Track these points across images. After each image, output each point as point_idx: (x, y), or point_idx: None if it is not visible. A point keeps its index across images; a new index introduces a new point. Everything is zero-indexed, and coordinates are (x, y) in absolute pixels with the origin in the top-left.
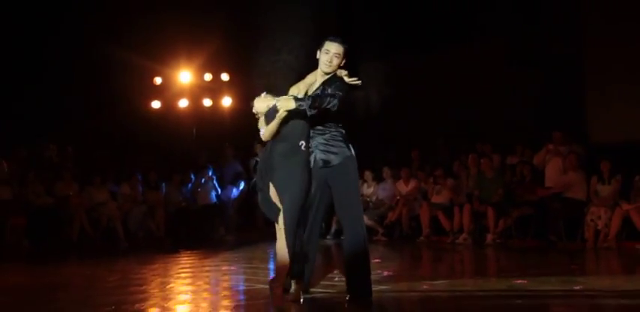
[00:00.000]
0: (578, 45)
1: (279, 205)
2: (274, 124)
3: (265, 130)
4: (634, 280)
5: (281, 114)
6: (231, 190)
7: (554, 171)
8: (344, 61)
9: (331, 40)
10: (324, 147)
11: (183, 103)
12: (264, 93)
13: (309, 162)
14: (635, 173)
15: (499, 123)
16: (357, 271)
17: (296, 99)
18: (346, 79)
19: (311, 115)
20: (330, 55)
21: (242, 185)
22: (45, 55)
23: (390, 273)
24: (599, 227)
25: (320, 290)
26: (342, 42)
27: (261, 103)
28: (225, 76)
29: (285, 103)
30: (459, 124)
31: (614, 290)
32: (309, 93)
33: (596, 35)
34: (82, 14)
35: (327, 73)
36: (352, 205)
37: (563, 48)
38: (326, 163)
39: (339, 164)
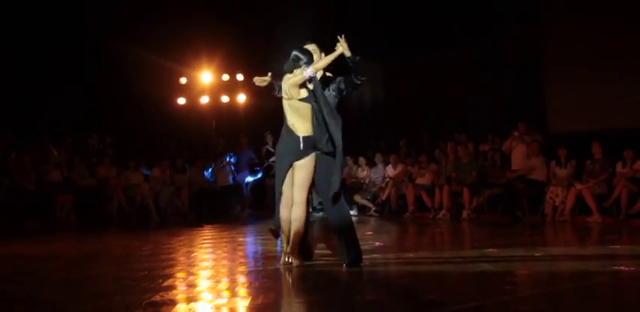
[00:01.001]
0: (539, 51)
1: None
2: (328, 61)
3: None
4: (584, 247)
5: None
6: (246, 174)
7: (519, 156)
8: (322, 54)
9: (306, 43)
10: None
11: (204, 100)
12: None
13: None
14: (587, 158)
15: (473, 116)
16: (351, 240)
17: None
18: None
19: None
20: None
21: (259, 174)
22: (88, 58)
23: (381, 244)
24: (556, 204)
25: (321, 258)
26: (312, 40)
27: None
28: (240, 76)
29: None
30: (439, 117)
31: (569, 257)
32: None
33: (554, 44)
34: (120, 24)
35: None
36: (336, 184)
37: (526, 53)
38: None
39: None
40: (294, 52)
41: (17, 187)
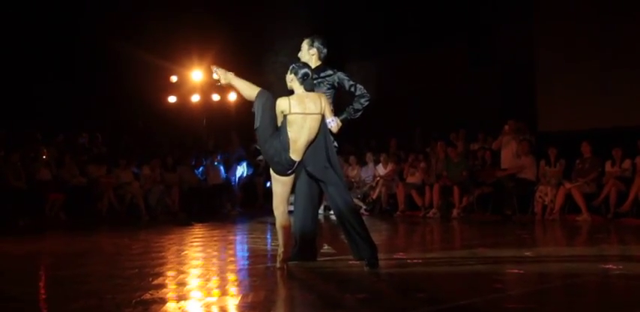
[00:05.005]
0: (530, 52)
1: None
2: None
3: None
4: (574, 246)
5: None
6: (236, 172)
7: (509, 155)
8: (311, 49)
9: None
10: None
11: (195, 98)
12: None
13: None
14: (576, 158)
15: (464, 115)
16: (362, 232)
17: None
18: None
19: None
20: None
21: (246, 168)
22: (79, 56)
23: None
24: (546, 203)
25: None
26: (307, 36)
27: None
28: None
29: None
30: (430, 116)
31: (558, 255)
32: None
33: (545, 44)
34: (111, 22)
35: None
36: (340, 181)
37: (517, 54)
38: None
39: None
40: (304, 71)
41: (7, 186)
